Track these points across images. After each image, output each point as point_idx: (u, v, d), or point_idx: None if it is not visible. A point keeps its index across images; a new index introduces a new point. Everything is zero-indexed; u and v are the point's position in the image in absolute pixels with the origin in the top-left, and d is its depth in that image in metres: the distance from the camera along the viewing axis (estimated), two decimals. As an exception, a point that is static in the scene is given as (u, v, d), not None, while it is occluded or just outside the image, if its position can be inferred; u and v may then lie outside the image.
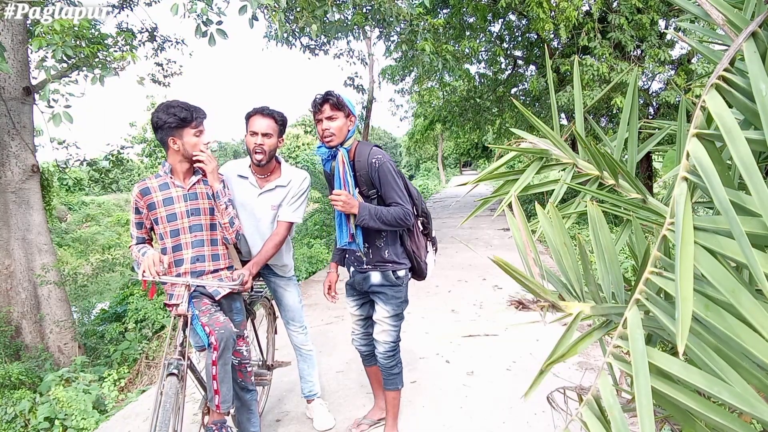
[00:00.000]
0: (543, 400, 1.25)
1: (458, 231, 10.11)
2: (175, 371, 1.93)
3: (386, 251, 2.25)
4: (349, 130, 2.16)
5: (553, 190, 1.12)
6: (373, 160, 2.15)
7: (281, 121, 2.38)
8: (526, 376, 3.24)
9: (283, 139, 2.44)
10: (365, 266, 2.29)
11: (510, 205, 0.98)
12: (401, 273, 2.28)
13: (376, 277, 2.27)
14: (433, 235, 2.48)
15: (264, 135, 2.32)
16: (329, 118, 2.11)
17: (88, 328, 6.20)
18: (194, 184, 2.20)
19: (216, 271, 2.22)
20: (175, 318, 2.04)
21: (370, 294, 2.33)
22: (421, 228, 2.40)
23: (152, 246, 2.25)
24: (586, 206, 0.92)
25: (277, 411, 2.96)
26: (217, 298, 2.19)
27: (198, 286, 2.17)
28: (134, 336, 5.44)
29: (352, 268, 2.38)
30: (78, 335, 5.66)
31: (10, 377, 4.40)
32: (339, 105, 2.10)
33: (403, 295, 2.32)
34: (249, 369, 2.29)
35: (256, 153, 2.33)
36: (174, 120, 2.06)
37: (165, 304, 2.18)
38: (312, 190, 13.86)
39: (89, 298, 8.90)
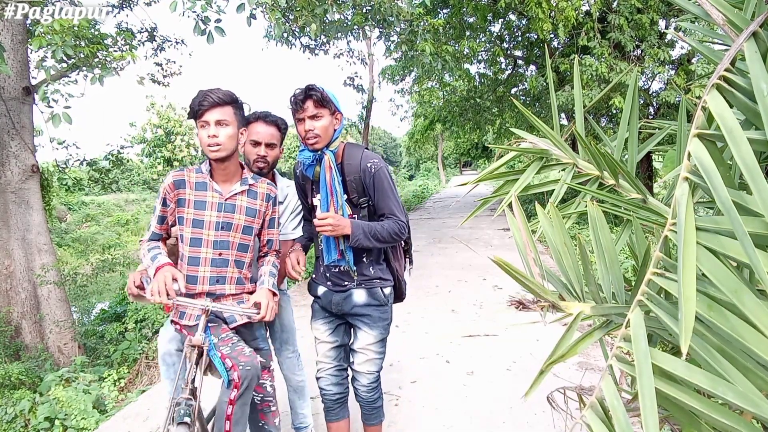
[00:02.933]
0: (543, 400, 1.25)
1: (458, 231, 10.11)
2: (187, 420, 1.56)
3: (371, 267, 1.98)
4: (335, 130, 1.88)
5: (553, 190, 1.12)
6: (368, 164, 1.89)
7: (284, 129, 2.15)
8: (526, 376, 3.24)
9: (283, 149, 2.22)
10: (347, 284, 1.97)
11: (510, 205, 0.98)
12: (387, 291, 2.00)
13: (360, 295, 1.95)
14: (412, 252, 2.24)
15: (268, 146, 2.09)
16: (313, 117, 1.82)
17: (88, 328, 6.20)
18: (236, 194, 1.84)
19: (237, 295, 1.89)
20: (188, 348, 1.71)
21: (349, 317, 2.00)
22: (403, 244, 2.14)
23: (166, 246, 1.94)
24: (586, 206, 0.92)
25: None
26: (231, 326, 1.84)
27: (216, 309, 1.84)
28: (134, 336, 5.44)
29: (323, 289, 2.03)
30: (78, 335, 5.66)
31: (10, 377, 4.40)
32: (323, 101, 1.81)
33: (390, 316, 2.03)
34: (273, 408, 1.93)
35: (257, 164, 2.09)
36: (189, 109, 1.78)
37: (171, 321, 1.88)
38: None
39: (89, 298, 8.90)
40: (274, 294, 1.86)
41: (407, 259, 2.21)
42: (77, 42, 4.05)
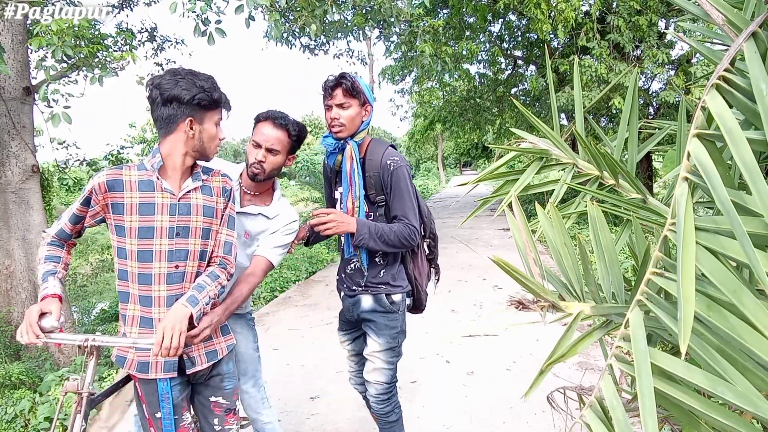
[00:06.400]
0: (543, 400, 1.25)
1: (458, 231, 10.11)
2: None
3: (382, 271, 1.93)
4: (363, 121, 1.87)
5: (553, 190, 1.12)
6: (388, 162, 1.86)
7: (296, 137, 1.87)
8: (526, 376, 3.24)
9: (293, 158, 1.94)
10: (355, 288, 1.96)
11: (510, 205, 0.98)
12: (396, 297, 1.94)
13: (367, 301, 1.93)
14: (438, 262, 2.17)
15: (269, 150, 1.83)
16: (340, 106, 1.81)
17: (88, 328, 6.21)
18: (189, 191, 1.52)
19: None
20: (65, 394, 1.47)
21: (361, 323, 2.00)
22: (427, 251, 2.10)
23: (70, 250, 1.59)
24: (586, 206, 0.92)
25: None
26: (188, 372, 1.54)
27: (143, 350, 1.47)
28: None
29: (342, 293, 2.06)
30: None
31: (10, 377, 4.39)
32: (354, 91, 1.80)
33: (400, 324, 1.96)
34: None
35: (252, 169, 1.85)
36: (206, 97, 1.44)
37: (129, 375, 1.60)
38: (312, 190, 13.81)
39: (89, 298, 8.90)
40: (204, 313, 1.47)
41: (432, 268, 2.14)
42: (77, 42, 4.06)
